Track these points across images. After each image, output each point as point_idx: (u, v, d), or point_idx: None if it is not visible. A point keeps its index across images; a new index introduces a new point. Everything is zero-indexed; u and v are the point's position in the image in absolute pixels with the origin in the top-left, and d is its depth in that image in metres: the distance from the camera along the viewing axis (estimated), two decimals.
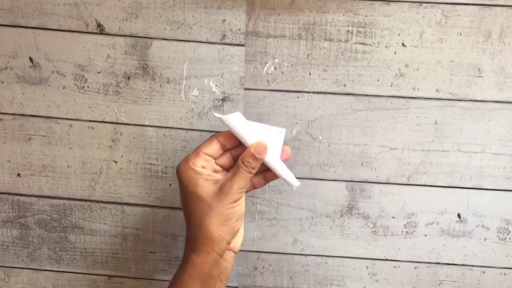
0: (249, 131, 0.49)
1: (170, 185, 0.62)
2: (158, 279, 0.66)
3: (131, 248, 0.65)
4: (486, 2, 0.55)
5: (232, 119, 0.48)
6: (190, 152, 0.58)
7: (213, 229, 0.47)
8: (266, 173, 0.51)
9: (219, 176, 0.49)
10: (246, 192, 0.51)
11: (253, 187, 0.52)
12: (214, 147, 0.49)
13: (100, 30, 0.58)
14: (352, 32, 0.57)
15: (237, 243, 0.50)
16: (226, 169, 0.51)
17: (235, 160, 0.51)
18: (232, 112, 0.49)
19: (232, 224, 0.48)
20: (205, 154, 0.49)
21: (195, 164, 0.48)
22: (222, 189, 0.47)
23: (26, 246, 0.65)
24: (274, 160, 0.49)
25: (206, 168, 0.48)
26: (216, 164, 0.50)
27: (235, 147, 0.50)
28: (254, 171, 0.48)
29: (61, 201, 0.64)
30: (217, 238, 0.47)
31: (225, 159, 0.50)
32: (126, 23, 0.57)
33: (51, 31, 0.58)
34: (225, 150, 0.50)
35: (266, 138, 0.49)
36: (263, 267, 0.65)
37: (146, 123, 0.60)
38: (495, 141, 0.59)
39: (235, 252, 0.51)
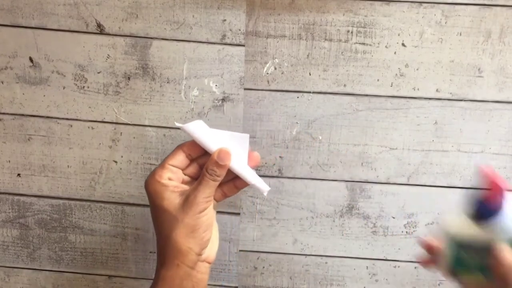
0: (212, 139, 0.47)
1: None
2: None
3: (131, 248, 0.65)
4: (486, 2, 0.55)
5: (193, 128, 0.47)
6: None
7: (180, 241, 0.46)
8: (236, 180, 0.49)
9: (187, 187, 0.48)
10: (218, 201, 0.50)
11: (225, 195, 0.50)
12: (179, 158, 0.48)
13: (100, 30, 0.58)
14: (352, 32, 0.57)
15: (210, 253, 0.49)
16: (195, 178, 0.49)
17: (202, 169, 0.49)
18: (196, 120, 0.48)
19: (199, 235, 0.46)
20: (171, 165, 0.47)
21: (162, 177, 0.46)
22: (187, 200, 0.46)
23: (26, 246, 0.65)
24: (240, 166, 0.48)
25: (173, 180, 0.47)
26: (184, 174, 0.49)
27: (201, 156, 0.49)
28: (219, 179, 0.47)
29: (61, 201, 0.64)
30: (185, 250, 0.46)
31: (192, 169, 0.49)
32: (126, 23, 0.57)
33: (51, 31, 0.58)
34: (191, 159, 0.49)
35: (230, 145, 0.47)
36: (263, 267, 0.65)
37: (146, 123, 0.60)
38: (495, 141, 0.59)
39: (209, 263, 0.49)
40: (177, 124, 0.48)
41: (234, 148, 0.48)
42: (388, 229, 0.62)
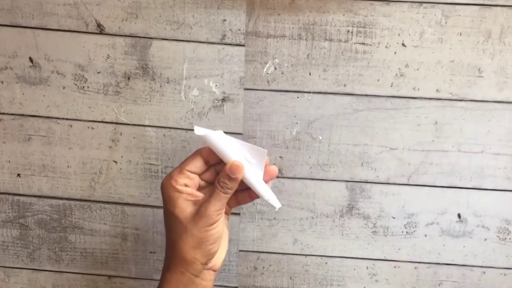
0: (228, 150, 0.47)
1: None
2: (158, 280, 0.66)
3: (131, 248, 0.65)
4: (486, 2, 0.55)
5: (211, 137, 0.46)
6: (190, 152, 0.59)
7: (186, 251, 0.46)
8: (250, 191, 0.49)
9: (202, 195, 0.48)
10: (232, 207, 0.50)
11: (238, 203, 0.50)
12: (197, 164, 0.48)
13: (100, 30, 0.58)
14: (352, 32, 0.57)
15: (216, 262, 0.49)
16: (212, 183, 0.49)
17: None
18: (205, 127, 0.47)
19: (206, 248, 0.46)
20: (189, 171, 0.47)
21: (177, 182, 0.46)
22: (198, 212, 0.46)
23: (26, 246, 0.65)
24: (254, 180, 0.47)
25: (189, 186, 0.47)
26: (201, 179, 0.49)
27: (219, 163, 0.48)
28: (230, 192, 0.46)
29: (61, 201, 0.64)
30: (190, 260, 0.46)
31: (210, 174, 0.49)
32: (126, 23, 0.57)
33: (51, 31, 0.58)
34: (209, 165, 0.49)
35: (246, 157, 0.47)
36: (263, 267, 0.65)
37: (146, 123, 0.60)
38: (495, 141, 0.59)
39: (215, 271, 0.49)
40: (196, 132, 0.47)
41: (250, 161, 0.47)
42: (388, 229, 0.62)
